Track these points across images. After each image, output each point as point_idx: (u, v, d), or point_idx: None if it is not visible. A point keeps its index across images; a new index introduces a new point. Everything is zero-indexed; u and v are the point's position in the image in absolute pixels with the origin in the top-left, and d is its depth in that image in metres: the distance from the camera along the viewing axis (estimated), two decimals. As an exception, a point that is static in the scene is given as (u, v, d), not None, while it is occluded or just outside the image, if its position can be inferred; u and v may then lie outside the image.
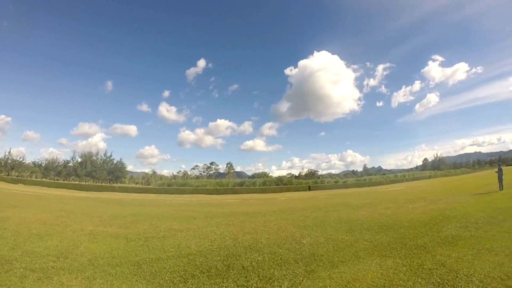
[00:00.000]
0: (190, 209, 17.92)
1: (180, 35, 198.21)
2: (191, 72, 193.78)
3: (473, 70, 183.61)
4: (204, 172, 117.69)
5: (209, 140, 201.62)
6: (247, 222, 10.97)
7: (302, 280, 4.52)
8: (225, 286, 4.35)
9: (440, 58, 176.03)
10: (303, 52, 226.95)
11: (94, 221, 11.01)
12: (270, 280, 4.54)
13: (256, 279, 4.62)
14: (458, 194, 17.98)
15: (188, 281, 4.54)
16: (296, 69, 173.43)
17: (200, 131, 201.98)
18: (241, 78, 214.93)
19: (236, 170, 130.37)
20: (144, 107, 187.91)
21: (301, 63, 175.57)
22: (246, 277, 4.72)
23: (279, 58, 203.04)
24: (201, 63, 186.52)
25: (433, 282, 4.24)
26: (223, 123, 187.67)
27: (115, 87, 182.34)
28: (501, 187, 17.12)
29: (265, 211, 15.60)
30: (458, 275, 4.41)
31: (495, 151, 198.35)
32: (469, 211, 10.34)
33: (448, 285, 4.10)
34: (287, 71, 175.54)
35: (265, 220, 11.56)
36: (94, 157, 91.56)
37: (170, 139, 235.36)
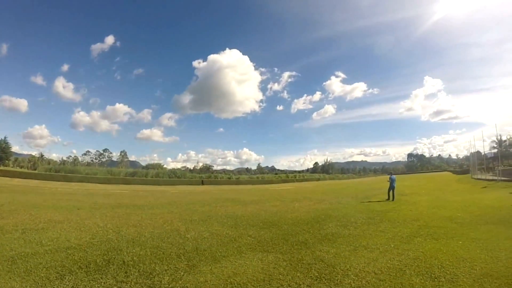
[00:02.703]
0: (75, 199, 17.41)
1: (91, 4, 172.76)
2: (97, 48, 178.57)
3: (370, 90, 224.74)
4: (96, 159, 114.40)
5: (104, 124, 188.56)
6: (133, 215, 10.97)
7: (183, 275, 4.57)
8: (104, 282, 4.25)
9: (342, 75, 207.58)
10: (214, 47, 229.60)
11: (-33, 210, 10.25)
12: (151, 275, 4.54)
13: (136, 274, 4.60)
14: (342, 196, 20.87)
15: (65, 278, 4.38)
16: (205, 63, 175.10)
17: (96, 113, 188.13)
18: (147, 63, 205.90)
19: (130, 159, 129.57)
20: (39, 80, 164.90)
21: (211, 57, 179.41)
22: (126, 272, 4.68)
23: (189, 49, 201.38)
24: (109, 40, 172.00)
25: (311, 276, 4.50)
26: (121, 108, 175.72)
27: (10, 51, 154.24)
28: (392, 196, 16.85)
29: (154, 203, 15.86)
30: (335, 269, 4.80)
31: (380, 161, 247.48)
32: (350, 212, 11.87)
33: (326, 279, 4.38)
34: (195, 63, 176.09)
35: (151, 213, 11.74)
36: (-26, 133, 72.62)
37: (63, 120, 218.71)
